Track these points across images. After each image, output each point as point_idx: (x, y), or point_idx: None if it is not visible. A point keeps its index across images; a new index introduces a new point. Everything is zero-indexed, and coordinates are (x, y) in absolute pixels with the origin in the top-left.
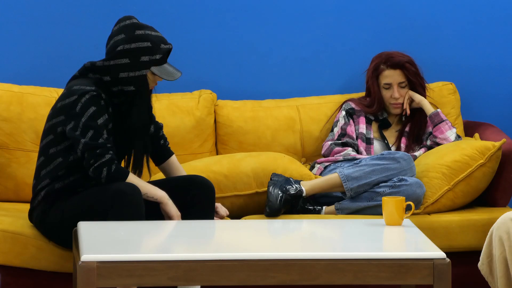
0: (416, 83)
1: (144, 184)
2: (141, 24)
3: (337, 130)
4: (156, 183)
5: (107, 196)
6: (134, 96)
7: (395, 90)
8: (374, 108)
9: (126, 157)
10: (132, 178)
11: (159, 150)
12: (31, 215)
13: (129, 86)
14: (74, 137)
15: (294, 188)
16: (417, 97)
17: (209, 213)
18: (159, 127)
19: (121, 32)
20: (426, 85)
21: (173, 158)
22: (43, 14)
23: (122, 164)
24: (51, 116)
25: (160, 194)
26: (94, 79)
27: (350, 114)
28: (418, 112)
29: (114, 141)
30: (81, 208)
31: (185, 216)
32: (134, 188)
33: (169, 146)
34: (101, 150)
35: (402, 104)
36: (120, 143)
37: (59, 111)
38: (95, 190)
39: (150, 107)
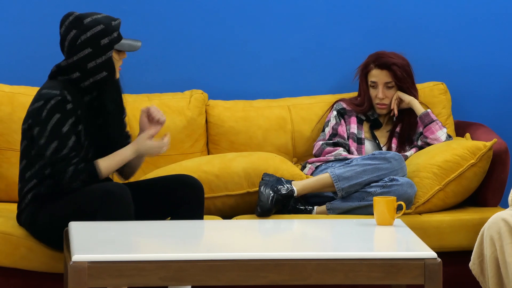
0: (404, 86)
1: (114, 157)
2: (84, 14)
3: (328, 130)
4: (144, 182)
5: (95, 196)
6: (105, 82)
7: (380, 90)
8: (364, 107)
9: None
10: (102, 163)
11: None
12: (19, 218)
13: (101, 73)
14: (40, 146)
15: (285, 188)
16: (407, 97)
17: (198, 213)
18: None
19: (71, 29)
20: (417, 85)
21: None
22: (34, 13)
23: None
24: (24, 120)
25: (130, 152)
26: (63, 81)
27: (341, 114)
28: (408, 113)
29: (90, 140)
30: (70, 209)
31: (175, 215)
32: (123, 188)
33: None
34: (63, 165)
35: (391, 104)
36: (97, 140)
37: (29, 115)
38: (83, 191)
39: (120, 91)
